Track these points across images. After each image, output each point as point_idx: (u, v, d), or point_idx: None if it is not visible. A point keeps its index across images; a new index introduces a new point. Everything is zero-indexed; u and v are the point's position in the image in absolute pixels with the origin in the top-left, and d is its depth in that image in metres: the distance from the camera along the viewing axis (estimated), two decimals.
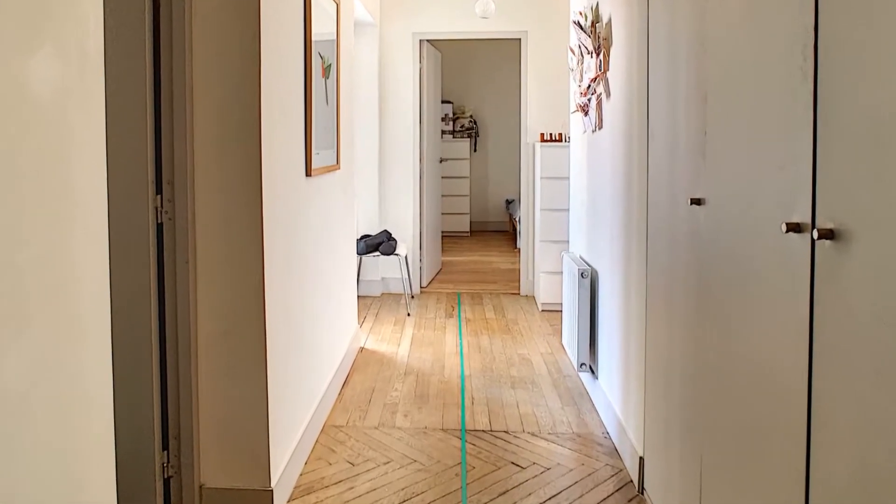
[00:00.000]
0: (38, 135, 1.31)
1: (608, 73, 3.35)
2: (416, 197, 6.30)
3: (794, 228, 1.34)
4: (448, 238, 9.14)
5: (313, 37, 3.12)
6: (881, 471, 1.09)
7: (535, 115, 6.12)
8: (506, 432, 3.29)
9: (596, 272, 3.71)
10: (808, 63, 1.32)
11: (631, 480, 2.80)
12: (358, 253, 5.52)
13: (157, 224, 2.32)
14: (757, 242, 1.56)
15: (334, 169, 3.68)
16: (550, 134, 5.74)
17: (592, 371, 3.71)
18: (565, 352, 4.47)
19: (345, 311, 4.11)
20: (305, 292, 3.09)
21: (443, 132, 9.40)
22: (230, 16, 2.38)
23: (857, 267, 1.15)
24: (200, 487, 2.48)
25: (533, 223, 6.05)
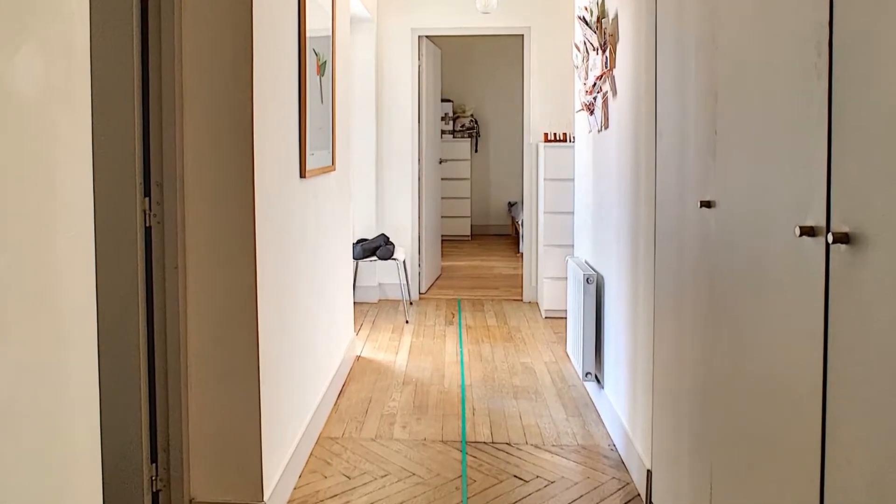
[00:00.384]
0: (21, 135, 1.30)
1: (614, 71, 3.36)
2: (415, 199, 6.23)
3: (808, 232, 1.34)
4: (448, 242, 9.06)
5: (307, 32, 3.10)
6: None
7: (539, 115, 6.06)
8: (508, 444, 3.26)
9: (602, 278, 3.70)
10: (823, 60, 1.31)
11: (638, 494, 2.79)
12: (354, 258, 5.47)
13: (146, 227, 2.32)
14: (769, 246, 1.56)
15: (329, 170, 3.66)
16: (554, 134, 5.69)
17: (598, 380, 3.70)
18: (570, 360, 4.45)
19: (340, 319, 4.10)
20: (300, 298, 3.08)
21: (442, 132, 9.33)
22: (221, 10, 2.37)
23: (874, 272, 1.15)
24: (190, 501, 2.46)
25: (536, 227, 6.01)
